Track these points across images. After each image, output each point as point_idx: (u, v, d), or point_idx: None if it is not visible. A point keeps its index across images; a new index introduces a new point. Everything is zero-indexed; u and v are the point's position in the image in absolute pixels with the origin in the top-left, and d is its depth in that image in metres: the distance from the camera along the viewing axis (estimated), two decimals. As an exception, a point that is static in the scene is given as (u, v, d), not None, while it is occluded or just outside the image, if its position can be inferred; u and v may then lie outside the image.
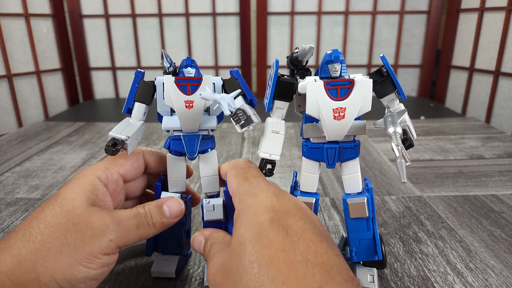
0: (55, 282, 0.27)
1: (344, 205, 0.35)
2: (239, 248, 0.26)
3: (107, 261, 0.29)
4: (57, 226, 0.28)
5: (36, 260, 0.27)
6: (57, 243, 0.28)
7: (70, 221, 0.29)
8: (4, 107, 1.08)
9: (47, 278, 0.27)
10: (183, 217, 0.38)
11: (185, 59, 0.35)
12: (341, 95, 0.32)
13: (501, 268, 0.40)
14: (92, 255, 0.28)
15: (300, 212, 0.28)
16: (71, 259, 0.27)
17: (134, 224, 0.31)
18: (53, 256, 0.27)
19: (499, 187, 0.60)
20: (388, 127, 0.30)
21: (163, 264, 0.39)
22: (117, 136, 0.33)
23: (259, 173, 0.33)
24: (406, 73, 1.35)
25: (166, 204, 0.33)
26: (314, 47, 0.31)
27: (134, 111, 0.36)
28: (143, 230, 0.31)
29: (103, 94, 1.38)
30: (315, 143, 0.35)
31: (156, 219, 0.32)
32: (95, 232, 0.29)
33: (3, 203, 0.56)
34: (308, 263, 0.24)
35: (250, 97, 0.36)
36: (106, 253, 0.29)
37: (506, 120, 1.00)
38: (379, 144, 0.81)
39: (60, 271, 0.27)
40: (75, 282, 0.28)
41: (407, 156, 0.27)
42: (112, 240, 0.29)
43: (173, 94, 0.34)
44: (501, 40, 1.00)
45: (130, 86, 0.35)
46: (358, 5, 1.28)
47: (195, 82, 0.34)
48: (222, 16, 1.30)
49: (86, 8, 1.30)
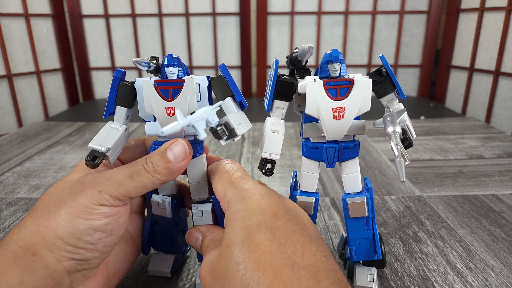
0: (59, 239, 0.27)
1: (343, 204, 0.35)
2: (226, 251, 0.26)
3: (108, 211, 0.29)
4: (55, 192, 0.30)
5: (39, 223, 0.28)
6: (54, 204, 0.29)
7: (66, 186, 0.30)
8: (4, 107, 1.08)
9: (51, 236, 0.27)
10: (176, 217, 0.38)
11: (166, 57, 0.32)
12: (341, 95, 0.32)
13: (501, 268, 0.40)
14: (86, 207, 0.28)
15: (288, 213, 0.28)
16: (68, 213, 0.28)
17: (126, 175, 0.29)
18: (52, 215, 0.28)
19: (499, 187, 0.60)
20: (387, 126, 0.30)
21: (159, 263, 0.38)
22: (96, 148, 0.31)
23: (243, 173, 0.32)
24: (406, 73, 1.35)
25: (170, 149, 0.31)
26: (313, 46, 0.31)
27: (116, 116, 0.34)
28: (142, 180, 0.29)
29: (103, 94, 1.38)
30: (314, 142, 0.35)
31: (158, 165, 0.30)
32: (85, 187, 0.29)
33: (3, 203, 0.56)
34: (294, 266, 0.23)
35: (240, 99, 0.34)
36: (100, 203, 0.28)
37: (506, 120, 1.00)
38: (379, 144, 0.81)
39: (61, 226, 0.27)
40: (79, 234, 0.28)
41: (406, 156, 0.27)
42: (102, 191, 0.29)
43: (153, 101, 0.31)
44: (501, 40, 1.00)
45: (110, 89, 0.33)
46: (358, 5, 1.28)
47: (176, 86, 0.32)
48: (222, 16, 1.30)
49: (86, 8, 1.30)
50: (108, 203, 0.29)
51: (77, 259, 0.28)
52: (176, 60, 0.32)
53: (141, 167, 0.30)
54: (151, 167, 0.30)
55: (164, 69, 0.32)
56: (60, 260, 0.27)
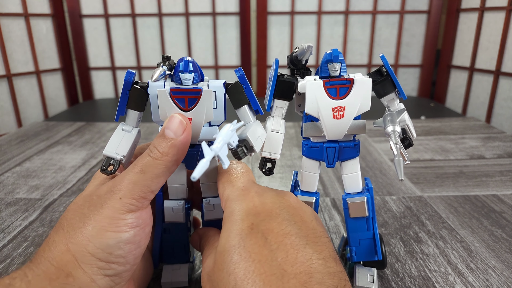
0: (89, 255, 0.26)
1: (344, 204, 0.35)
2: (220, 258, 0.25)
3: (134, 220, 0.28)
4: (76, 208, 0.29)
5: (67, 241, 0.27)
6: (78, 219, 0.28)
7: (85, 200, 0.29)
8: (4, 107, 1.08)
9: (81, 253, 0.26)
10: (188, 223, 0.37)
11: (181, 61, 0.31)
12: (341, 94, 0.32)
13: (502, 268, 0.40)
14: (112, 218, 0.27)
15: (284, 212, 0.27)
16: (95, 228, 0.27)
17: (137, 171, 0.29)
18: (78, 231, 0.27)
19: (500, 187, 0.59)
20: (387, 126, 0.30)
21: (172, 274, 0.37)
22: (112, 155, 0.31)
23: (244, 173, 0.32)
24: (406, 73, 1.34)
25: (166, 127, 0.29)
26: (312, 45, 0.31)
27: (128, 119, 0.33)
28: (152, 169, 0.28)
29: (103, 94, 1.38)
30: (315, 142, 0.35)
31: (162, 146, 0.29)
32: (104, 198, 0.28)
33: (3, 203, 0.56)
34: (284, 276, 0.23)
35: (256, 107, 0.33)
36: (125, 210, 0.28)
37: (506, 120, 1.00)
38: (380, 144, 0.81)
39: (90, 242, 0.26)
40: (109, 249, 0.27)
41: (406, 155, 0.27)
42: (122, 197, 0.28)
43: (169, 111, 0.31)
44: (502, 40, 0.99)
45: (121, 92, 0.33)
46: (358, 5, 1.28)
47: (193, 95, 0.31)
48: (222, 16, 1.30)
49: (86, 8, 1.29)
50: (134, 206, 0.28)
51: (110, 274, 0.27)
52: (191, 66, 0.31)
53: (148, 158, 0.29)
54: (156, 152, 0.29)
55: (179, 74, 0.31)
56: (94, 280, 0.26)
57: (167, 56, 0.32)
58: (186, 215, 0.36)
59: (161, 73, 0.30)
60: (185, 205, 0.36)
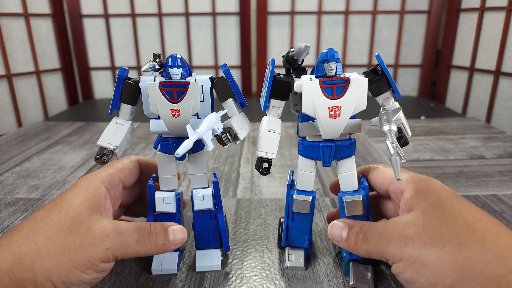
0: (50, 283, 0.27)
1: (340, 202, 0.35)
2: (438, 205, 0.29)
3: (103, 268, 0.30)
4: (60, 230, 0.29)
5: (35, 260, 0.27)
6: (58, 245, 0.28)
7: (72, 226, 0.29)
8: (4, 107, 1.08)
9: (44, 278, 0.27)
10: (178, 213, 0.39)
11: (169, 57, 0.33)
12: (337, 94, 0.32)
13: (500, 268, 0.40)
14: (89, 261, 0.28)
15: None
16: (69, 262, 0.28)
17: (134, 238, 0.31)
18: (52, 257, 0.28)
19: (500, 187, 0.59)
20: (383, 125, 0.30)
21: (163, 261, 0.39)
22: (105, 146, 0.34)
23: None
24: (406, 73, 1.34)
25: (172, 229, 0.34)
26: (309, 45, 0.31)
27: (121, 112, 0.36)
28: (143, 246, 0.32)
29: (103, 94, 1.38)
30: (311, 141, 0.35)
31: (160, 239, 0.33)
32: (94, 239, 0.29)
33: (2, 203, 0.56)
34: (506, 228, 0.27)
35: (241, 100, 0.35)
36: (102, 260, 0.29)
37: (506, 120, 1.00)
38: (379, 144, 0.81)
39: (57, 272, 0.27)
40: (69, 284, 0.28)
41: (402, 154, 0.27)
42: (109, 249, 0.29)
43: (159, 102, 0.33)
44: (502, 40, 0.99)
45: (115, 87, 0.35)
46: (358, 5, 1.28)
47: (181, 88, 0.33)
48: (222, 16, 1.30)
49: (86, 8, 1.30)
50: (110, 259, 0.30)
51: None
52: (179, 61, 0.33)
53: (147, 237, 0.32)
54: (154, 240, 0.32)
55: (168, 69, 0.33)
56: None
57: (157, 54, 0.34)
58: (177, 206, 0.38)
59: (150, 66, 0.32)
60: (175, 196, 0.37)
